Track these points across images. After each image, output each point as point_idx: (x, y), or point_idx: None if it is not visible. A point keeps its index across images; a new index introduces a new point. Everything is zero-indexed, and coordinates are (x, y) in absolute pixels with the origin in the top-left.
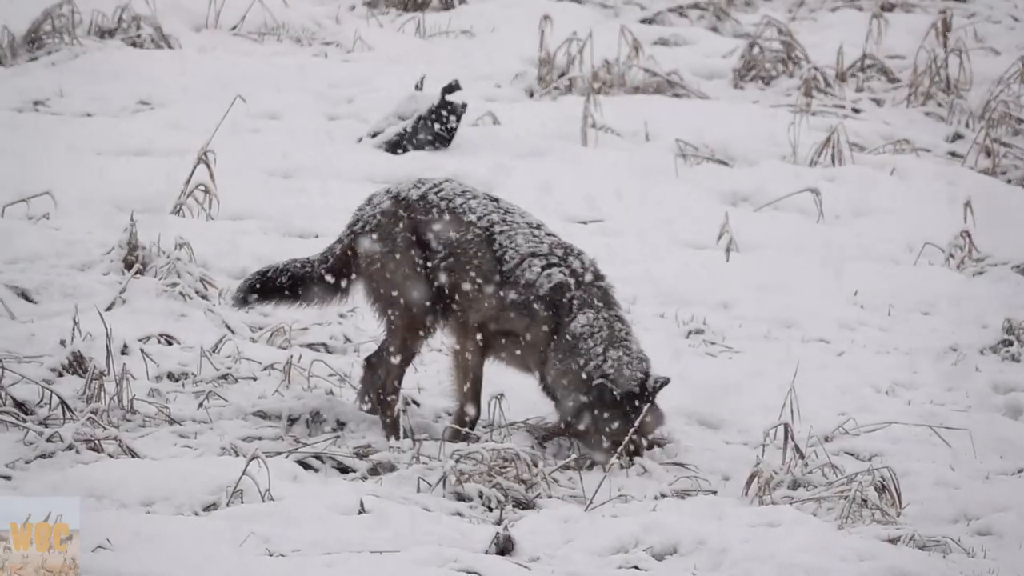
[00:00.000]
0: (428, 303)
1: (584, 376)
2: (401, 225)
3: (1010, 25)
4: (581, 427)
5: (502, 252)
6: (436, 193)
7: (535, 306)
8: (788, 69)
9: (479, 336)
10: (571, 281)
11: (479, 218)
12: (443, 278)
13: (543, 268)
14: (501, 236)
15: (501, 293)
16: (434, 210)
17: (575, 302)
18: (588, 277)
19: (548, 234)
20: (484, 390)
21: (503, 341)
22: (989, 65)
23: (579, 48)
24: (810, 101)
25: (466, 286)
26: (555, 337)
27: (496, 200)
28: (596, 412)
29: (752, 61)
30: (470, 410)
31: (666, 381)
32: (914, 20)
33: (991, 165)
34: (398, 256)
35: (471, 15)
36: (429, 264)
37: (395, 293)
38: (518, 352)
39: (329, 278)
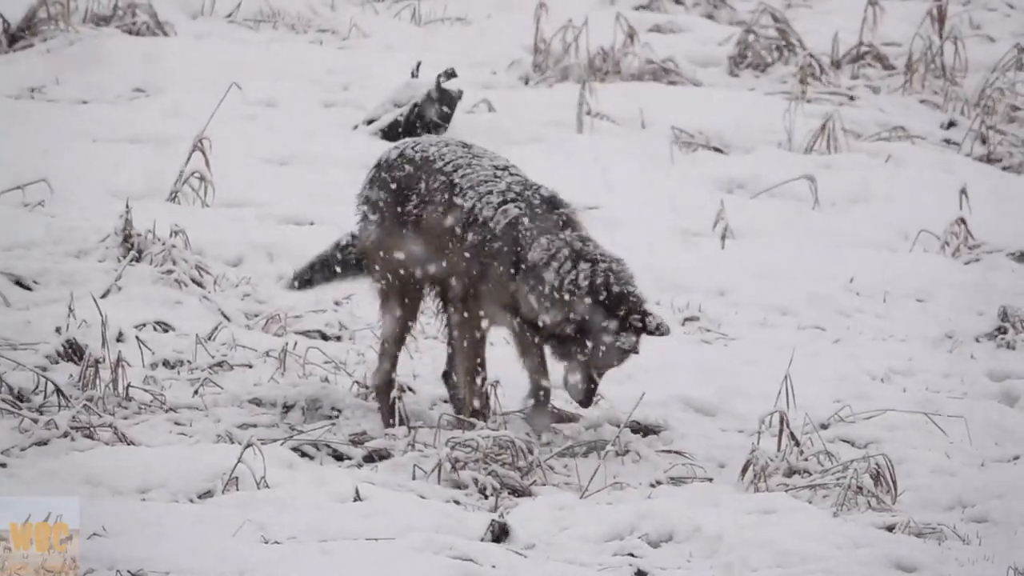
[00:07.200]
0: (414, 264)
1: (560, 293)
2: (384, 190)
3: (1006, 12)
4: (574, 343)
5: (461, 194)
6: (413, 148)
7: (494, 244)
8: (784, 56)
9: (471, 298)
10: (527, 213)
11: (445, 164)
12: (418, 232)
13: (498, 205)
14: (462, 180)
15: (466, 236)
16: (408, 165)
17: (532, 232)
18: (545, 208)
19: (512, 174)
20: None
21: (482, 290)
22: (985, 52)
23: (575, 35)
24: (805, 88)
25: (437, 236)
26: (520, 270)
27: (468, 146)
28: (590, 319)
29: (748, 48)
30: (476, 390)
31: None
32: (910, 7)
33: (986, 152)
34: (376, 218)
35: (467, 2)
36: (408, 219)
37: (381, 259)
38: (495, 297)
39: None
